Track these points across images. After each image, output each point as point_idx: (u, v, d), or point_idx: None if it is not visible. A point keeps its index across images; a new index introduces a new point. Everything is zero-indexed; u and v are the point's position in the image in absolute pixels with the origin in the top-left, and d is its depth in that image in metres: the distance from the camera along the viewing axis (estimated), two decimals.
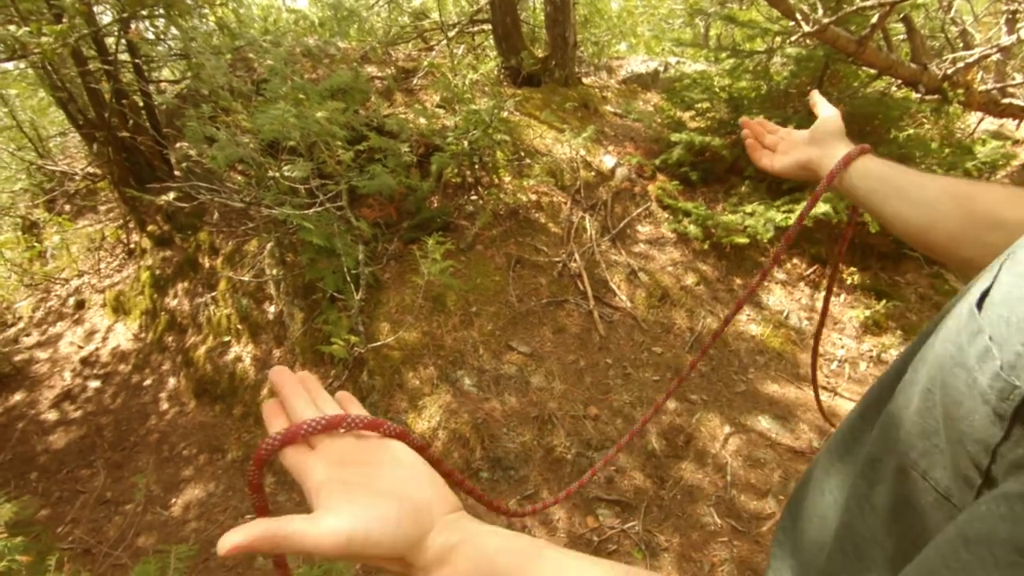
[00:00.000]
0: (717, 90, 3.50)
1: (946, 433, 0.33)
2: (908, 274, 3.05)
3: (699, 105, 3.56)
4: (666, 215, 3.29)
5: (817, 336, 0.99)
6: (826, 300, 0.97)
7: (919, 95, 3.15)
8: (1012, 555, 0.24)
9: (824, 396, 2.63)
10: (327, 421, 0.45)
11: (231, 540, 0.38)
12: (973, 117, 3.83)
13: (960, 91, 3.11)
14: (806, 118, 3.07)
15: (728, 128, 3.41)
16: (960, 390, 0.32)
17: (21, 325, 4.54)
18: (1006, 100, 3.31)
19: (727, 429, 2.44)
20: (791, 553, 0.57)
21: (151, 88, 4.01)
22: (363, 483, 0.42)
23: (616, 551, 2.05)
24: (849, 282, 3.02)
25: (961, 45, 3.79)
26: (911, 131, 3.22)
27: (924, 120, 3.41)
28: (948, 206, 0.66)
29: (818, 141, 0.84)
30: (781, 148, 0.88)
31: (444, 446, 2.36)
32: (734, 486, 2.23)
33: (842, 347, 2.84)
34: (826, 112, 0.86)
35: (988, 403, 0.30)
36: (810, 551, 0.53)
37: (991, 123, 4.16)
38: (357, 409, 0.50)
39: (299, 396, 0.49)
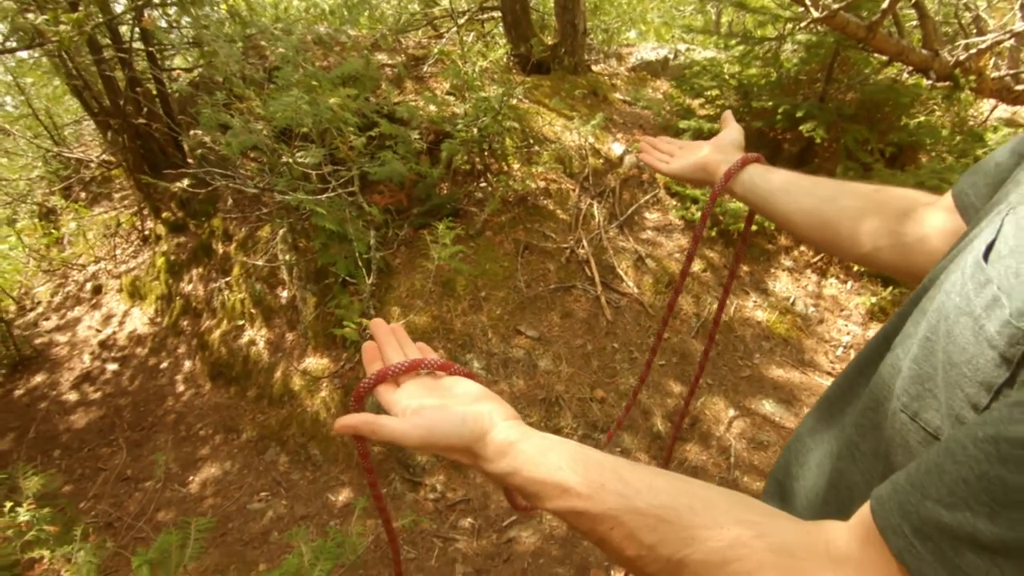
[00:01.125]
0: (727, 77, 3.49)
1: (944, 377, 0.36)
2: None
3: (708, 92, 3.56)
4: (674, 202, 3.31)
5: (720, 308, 1.03)
6: (726, 287, 0.98)
7: (930, 82, 3.13)
8: (1017, 449, 0.28)
9: (828, 382, 2.66)
10: (409, 364, 0.56)
11: (342, 422, 0.50)
12: (986, 104, 3.80)
13: (972, 78, 3.09)
14: (816, 105, 3.06)
15: (738, 115, 3.41)
16: (965, 336, 0.35)
17: (40, 309, 4.65)
18: (1020, 87, 3.28)
19: (732, 412, 2.48)
20: (782, 501, 0.61)
21: (164, 76, 4.06)
22: (437, 402, 0.53)
23: None
24: (856, 269, 3.03)
25: (974, 31, 3.75)
26: (922, 118, 3.21)
27: (935, 107, 3.40)
28: (859, 202, 0.69)
29: (718, 148, 0.87)
30: (678, 154, 0.92)
31: None
32: (738, 467, 2.27)
33: (848, 334, 2.86)
34: (731, 126, 0.90)
35: (995, 348, 0.33)
36: (805, 497, 0.57)
37: (1004, 110, 4.13)
38: (432, 355, 0.60)
39: (390, 343, 0.62)
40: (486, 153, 3.20)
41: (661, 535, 0.41)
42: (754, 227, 2.97)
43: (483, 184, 3.23)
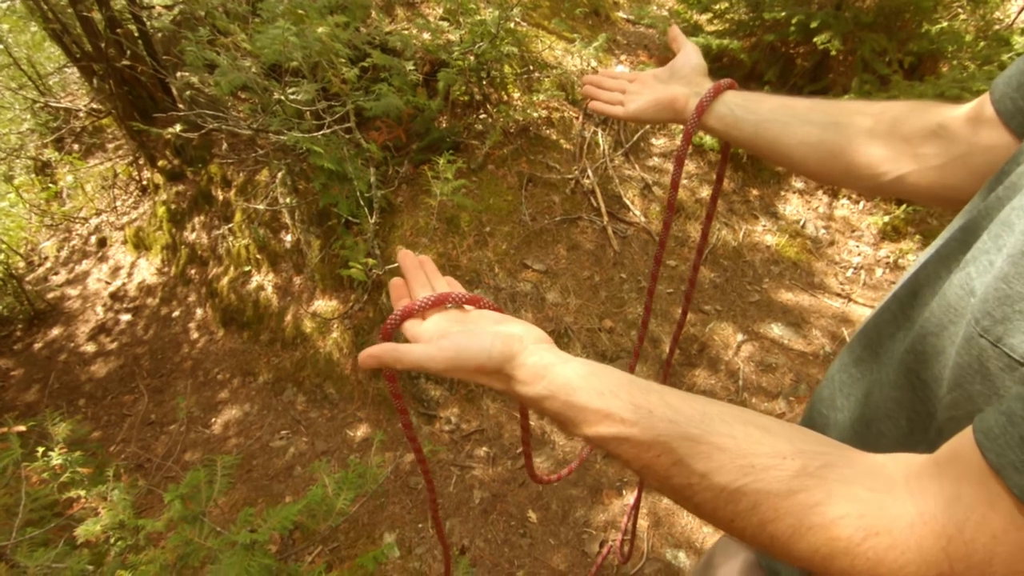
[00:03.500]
0: None
1: None
2: None
3: (717, 6, 3.35)
4: (681, 127, 3.19)
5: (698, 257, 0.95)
6: (706, 224, 0.89)
7: None
8: None
9: (838, 303, 2.65)
10: (436, 298, 0.55)
11: (366, 354, 0.49)
12: (1013, 6, 3.57)
13: None
14: (831, 14, 2.89)
15: (747, 30, 3.23)
16: None
17: (48, 264, 4.67)
18: None
19: (740, 337, 2.49)
20: (824, 433, 0.57)
21: (144, 14, 3.87)
22: (463, 330, 0.52)
23: None
24: None
25: None
26: (944, 24, 3.02)
27: (959, 11, 3.19)
28: (870, 124, 0.61)
29: (682, 77, 0.76)
30: (633, 89, 0.79)
31: None
32: (746, 390, 2.30)
33: (859, 254, 2.83)
34: (687, 48, 0.78)
35: None
36: (852, 429, 0.53)
37: None
38: (460, 289, 0.58)
39: (417, 278, 0.59)
40: (484, 82, 3.07)
41: (717, 463, 0.39)
42: None
43: (483, 115, 3.12)
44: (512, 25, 2.97)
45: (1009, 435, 0.30)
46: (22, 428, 1.94)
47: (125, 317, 3.78)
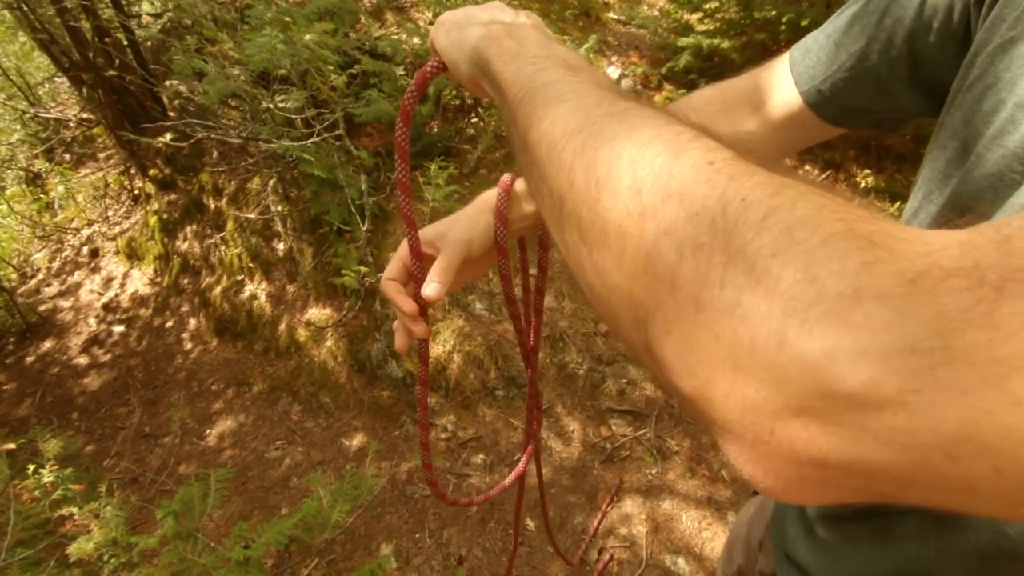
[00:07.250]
0: None
1: None
2: None
3: (708, 5, 3.35)
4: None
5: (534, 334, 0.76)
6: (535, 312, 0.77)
7: None
8: None
9: None
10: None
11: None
12: None
13: None
14: (822, 12, 2.88)
15: (738, 28, 3.22)
16: None
17: (40, 276, 4.63)
18: None
19: None
20: None
21: (133, 23, 3.84)
22: None
23: (628, 456, 2.15)
24: (863, 185, 2.94)
25: None
26: None
27: None
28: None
29: (458, 231, 0.63)
30: (434, 268, 0.61)
31: (459, 368, 2.43)
32: None
33: None
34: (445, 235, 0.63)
35: None
36: None
37: None
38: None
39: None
40: None
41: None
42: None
43: (474, 119, 3.10)
44: None
45: None
46: (12, 446, 1.92)
47: (118, 328, 3.76)
